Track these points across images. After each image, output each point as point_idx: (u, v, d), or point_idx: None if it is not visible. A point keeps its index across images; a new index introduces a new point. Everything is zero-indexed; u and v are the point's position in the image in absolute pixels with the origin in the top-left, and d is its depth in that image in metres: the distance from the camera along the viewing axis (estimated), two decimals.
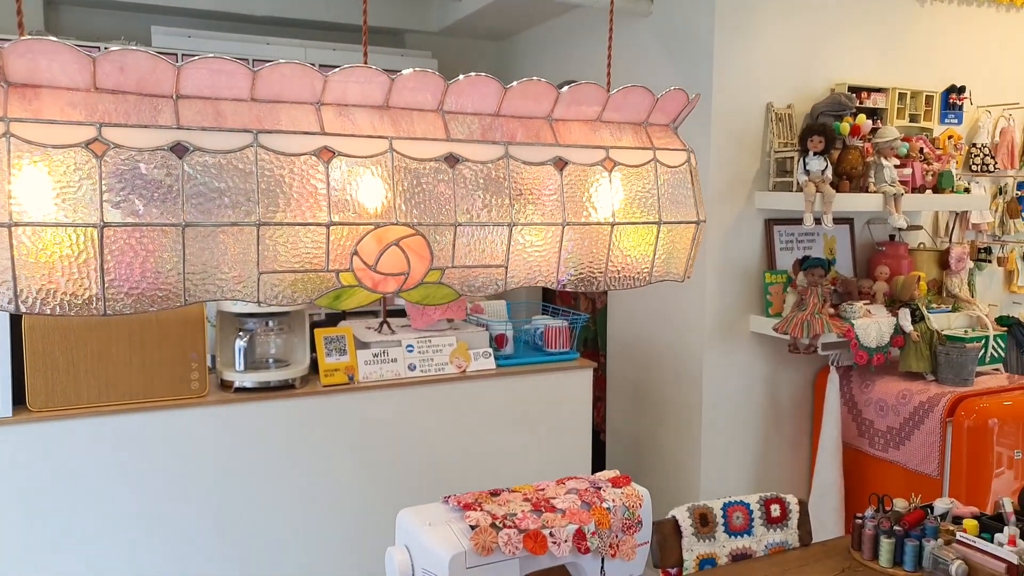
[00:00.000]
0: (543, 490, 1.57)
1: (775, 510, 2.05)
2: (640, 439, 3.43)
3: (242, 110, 1.04)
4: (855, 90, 3.06)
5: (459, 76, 1.14)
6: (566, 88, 1.22)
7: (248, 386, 2.39)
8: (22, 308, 0.94)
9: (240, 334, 2.42)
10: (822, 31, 3.06)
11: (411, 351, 2.61)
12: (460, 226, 1.12)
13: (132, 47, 0.98)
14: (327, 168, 1.05)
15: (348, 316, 3.47)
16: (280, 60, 1.05)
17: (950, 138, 3.31)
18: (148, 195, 0.97)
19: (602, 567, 1.51)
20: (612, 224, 1.25)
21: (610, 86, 1.31)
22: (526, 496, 1.54)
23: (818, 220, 2.84)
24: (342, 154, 1.06)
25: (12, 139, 0.93)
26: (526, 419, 2.76)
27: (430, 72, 1.11)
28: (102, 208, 0.95)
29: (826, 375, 3.07)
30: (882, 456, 2.96)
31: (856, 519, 1.88)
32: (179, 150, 0.99)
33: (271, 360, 2.53)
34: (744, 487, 3.14)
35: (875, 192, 2.94)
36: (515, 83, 1.18)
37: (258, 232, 1.01)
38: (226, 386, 2.40)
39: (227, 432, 2.34)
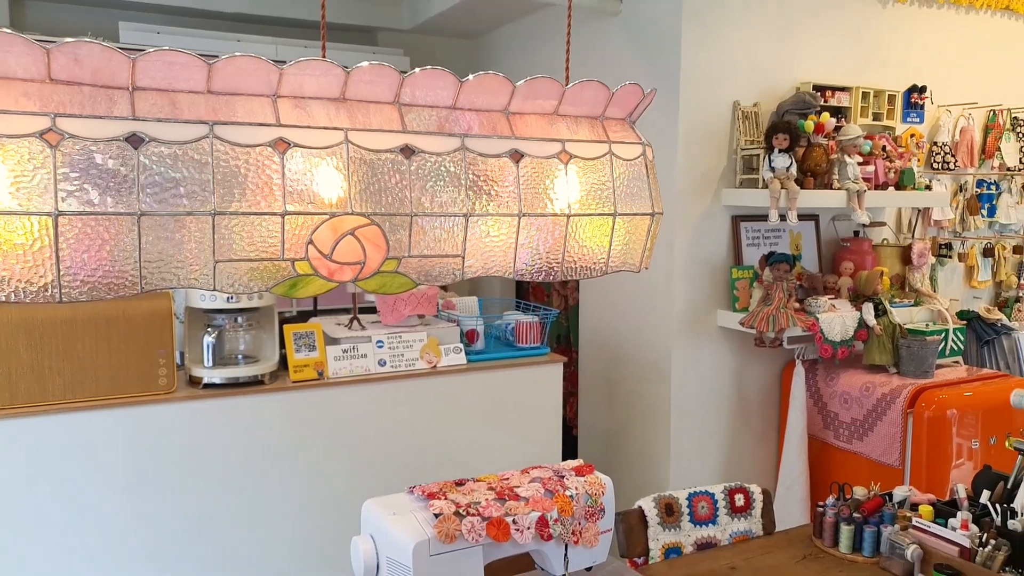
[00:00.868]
0: (507, 479, 1.59)
1: (739, 500, 2.09)
2: (611, 433, 3.46)
3: (198, 102, 1.05)
4: (819, 89, 3.11)
5: (415, 69, 1.16)
6: (522, 82, 1.24)
7: (217, 382, 2.39)
8: None
9: (209, 330, 2.41)
10: (788, 32, 3.11)
11: (381, 347, 2.62)
12: (416, 216, 1.14)
13: (87, 39, 0.98)
14: (283, 159, 1.06)
15: (318, 312, 3.47)
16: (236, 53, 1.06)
17: (912, 136, 3.38)
18: (103, 185, 0.98)
19: (565, 554, 1.54)
20: (568, 216, 1.27)
21: (568, 80, 1.33)
22: (490, 485, 1.56)
23: (783, 216, 2.89)
24: (297, 145, 1.07)
25: None
26: (497, 414, 2.78)
27: (386, 65, 1.12)
28: (56, 197, 0.95)
29: (792, 369, 3.12)
30: (847, 447, 3.02)
31: (817, 507, 1.93)
32: (135, 141, 1.00)
33: (240, 356, 2.52)
34: (713, 479, 3.19)
35: (839, 189, 2.99)
36: (471, 76, 1.20)
37: (213, 221, 1.02)
38: (195, 382, 2.40)
39: (196, 428, 2.33)
